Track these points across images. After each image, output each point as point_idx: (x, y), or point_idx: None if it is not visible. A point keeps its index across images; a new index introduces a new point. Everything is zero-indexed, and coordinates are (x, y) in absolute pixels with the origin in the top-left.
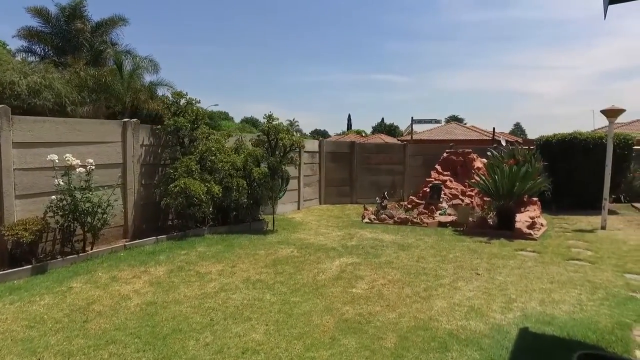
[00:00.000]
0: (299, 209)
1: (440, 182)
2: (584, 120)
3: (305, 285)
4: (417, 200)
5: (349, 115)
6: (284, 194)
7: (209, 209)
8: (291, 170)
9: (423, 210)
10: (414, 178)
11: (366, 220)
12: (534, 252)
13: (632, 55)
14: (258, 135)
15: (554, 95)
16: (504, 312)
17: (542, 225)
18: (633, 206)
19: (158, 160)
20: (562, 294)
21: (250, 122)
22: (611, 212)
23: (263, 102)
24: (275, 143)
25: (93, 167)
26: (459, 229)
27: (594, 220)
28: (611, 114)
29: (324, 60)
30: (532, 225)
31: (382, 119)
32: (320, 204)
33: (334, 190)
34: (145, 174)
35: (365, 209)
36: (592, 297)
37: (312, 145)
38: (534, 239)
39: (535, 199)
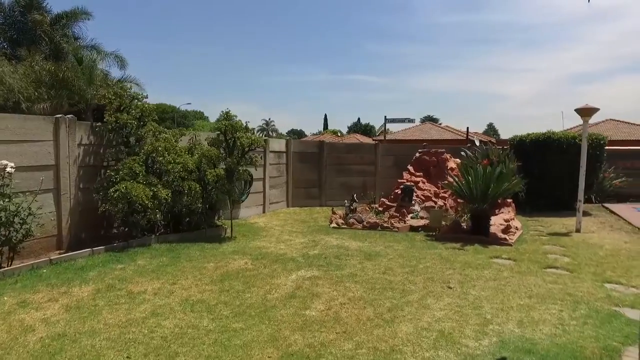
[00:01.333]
0: (264, 212)
1: (412, 184)
2: (553, 121)
3: (252, 306)
4: (389, 203)
5: (325, 115)
6: (246, 197)
7: (156, 216)
8: (255, 171)
9: (394, 214)
10: (386, 179)
11: (334, 224)
12: (509, 259)
13: (595, 60)
14: (218, 134)
15: (525, 97)
16: (478, 338)
17: (517, 228)
18: (604, 207)
19: (100, 161)
20: (542, 311)
21: None
22: (584, 214)
23: (245, 102)
24: (233, 142)
25: (12, 170)
26: (431, 233)
27: (569, 223)
28: (585, 112)
29: (307, 60)
30: (507, 229)
31: (358, 119)
32: (287, 206)
33: (302, 192)
34: (83, 177)
35: (334, 213)
36: (574, 315)
37: (278, 145)
38: (509, 244)
39: (509, 200)
